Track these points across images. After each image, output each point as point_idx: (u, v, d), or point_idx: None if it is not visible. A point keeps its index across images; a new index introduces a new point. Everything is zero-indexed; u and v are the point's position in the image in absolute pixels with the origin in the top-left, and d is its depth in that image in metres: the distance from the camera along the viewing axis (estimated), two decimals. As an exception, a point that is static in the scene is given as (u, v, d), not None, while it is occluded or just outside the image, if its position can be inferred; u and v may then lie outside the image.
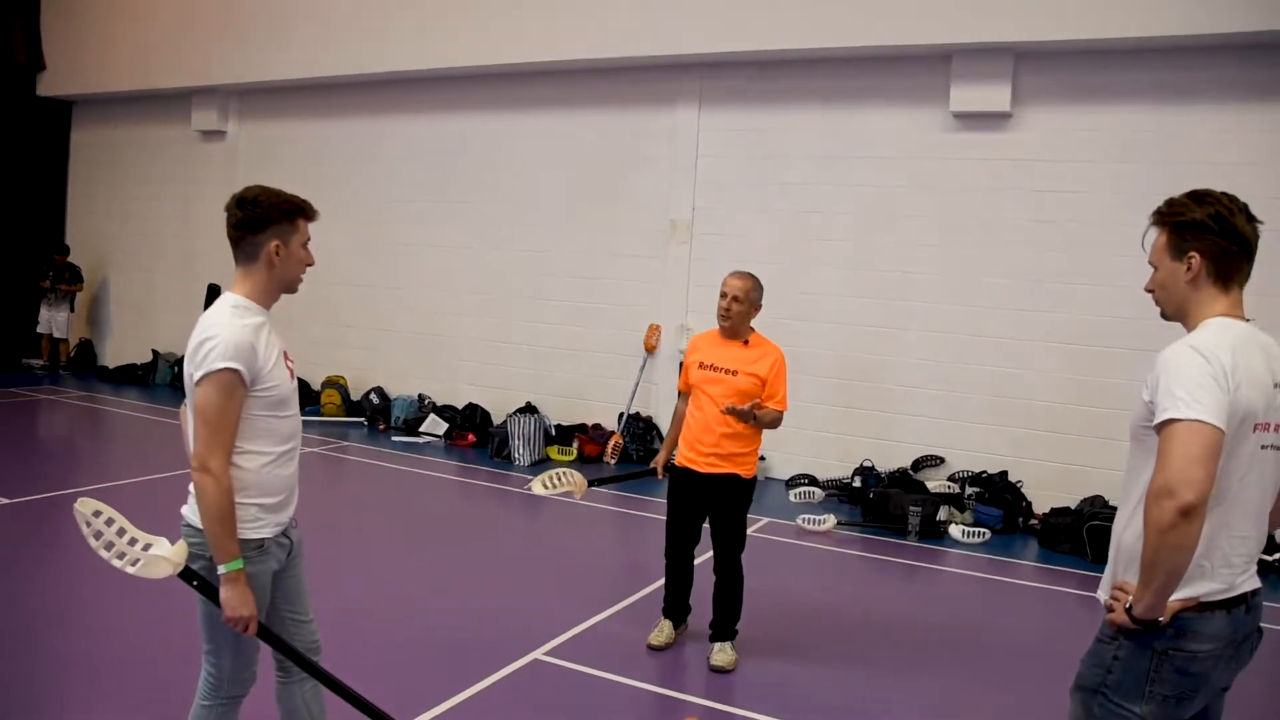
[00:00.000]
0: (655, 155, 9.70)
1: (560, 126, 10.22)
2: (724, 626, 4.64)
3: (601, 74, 9.84)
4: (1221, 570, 2.27)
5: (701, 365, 4.61)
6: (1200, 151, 7.47)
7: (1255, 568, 2.35)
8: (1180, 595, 2.22)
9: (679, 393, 4.85)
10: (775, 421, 4.55)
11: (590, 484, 4.58)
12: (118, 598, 4.89)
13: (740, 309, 4.54)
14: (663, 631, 4.78)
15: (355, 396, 11.23)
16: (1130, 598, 2.24)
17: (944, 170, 8.45)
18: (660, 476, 4.83)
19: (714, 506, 4.62)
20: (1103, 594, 2.43)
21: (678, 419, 4.81)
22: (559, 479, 4.44)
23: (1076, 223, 7.90)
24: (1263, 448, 2.26)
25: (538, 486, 4.43)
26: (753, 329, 4.66)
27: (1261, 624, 2.40)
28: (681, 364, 4.82)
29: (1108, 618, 2.34)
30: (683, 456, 4.65)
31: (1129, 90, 7.78)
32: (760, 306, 4.65)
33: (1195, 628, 2.25)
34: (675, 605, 4.83)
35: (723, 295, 4.56)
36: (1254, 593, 2.34)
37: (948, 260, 8.45)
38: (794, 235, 9.04)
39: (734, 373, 4.50)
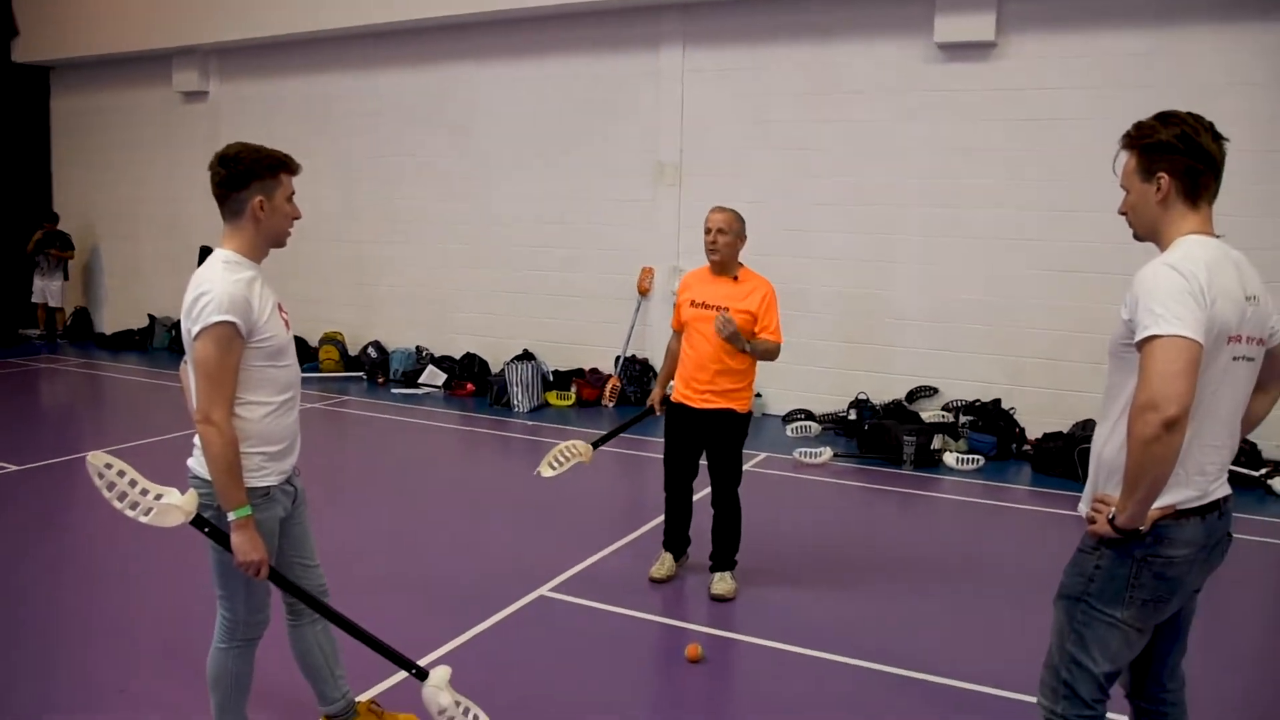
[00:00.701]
0: (641, 98, 9.65)
1: (546, 73, 10.15)
2: (723, 557, 4.76)
3: (585, 18, 9.75)
4: (1196, 478, 2.35)
5: (693, 303, 4.66)
6: (1191, 74, 7.43)
7: (1226, 475, 2.44)
8: (1158, 504, 2.30)
9: (673, 330, 4.91)
10: (771, 352, 4.60)
11: (595, 446, 4.68)
12: (129, 555, 5.01)
13: (726, 240, 4.57)
14: (664, 564, 4.90)
15: (353, 351, 11.29)
16: (1112, 509, 2.32)
17: (930, 102, 8.42)
18: (659, 413, 4.90)
19: (711, 441, 4.70)
20: (1084, 507, 2.52)
21: (671, 356, 4.88)
22: (564, 456, 4.53)
23: (1064, 150, 7.89)
24: (1235, 359, 2.33)
25: (545, 470, 4.52)
26: (741, 264, 4.70)
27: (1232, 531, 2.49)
28: (675, 302, 4.88)
29: (1089, 529, 2.43)
30: (679, 393, 4.73)
31: (1116, 13, 7.72)
32: (745, 238, 4.69)
33: (1172, 534, 2.34)
34: (675, 538, 4.94)
35: (707, 230, 4.60)
36: (1225, 499, 2.43)
37: (936, 192, 8.45)
38: (783, 173, 9.03)
39: (725, 309, 4.55)
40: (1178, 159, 2.33)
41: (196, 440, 2.70)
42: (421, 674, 3.06)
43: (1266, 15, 7.27)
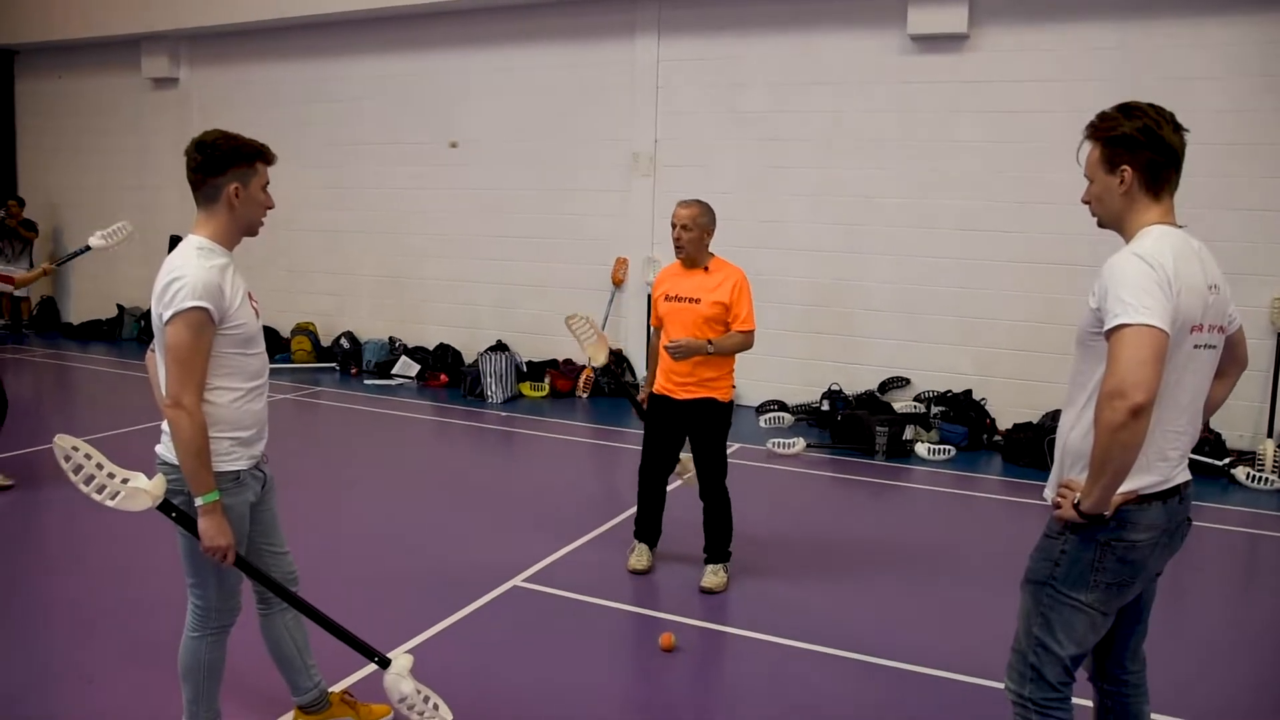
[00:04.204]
0: (615, 87, 9.64)
1: (520, 62, 10.10)
2: (717, 550, 4.75)
3: (559, 6, 9.71)
4: (1158, 464, 2.38)
5: (667, 297, 4.70)
6: (1159, 67, 7.51)
7: (1187, 461, 2.48)
8: (1122, 489, 2.33)
9: (652, 327, 4.94)
10: (743, 344, 4.62)
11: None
12: (97, 546, 4.96)
13: (691, 235, 4.59)
14: (641, 555, 4.89)
15: (325, 342, 11.22)
16: (1077, 494, 2.35)
17: (903, 93, 8.46)
18: (645, 406, 4.93)
19: (694, 431, 4.73)
20: (1049, 492, 2.55)
21: (653, 354, 4.92)
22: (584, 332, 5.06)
23: (1035, 142, 7.95)
24: (1197, 347, 2.37)
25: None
26: (712, 254, 4.71)
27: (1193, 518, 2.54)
28: (652, 298, 4.92)
29: (1055, 514, 2.46)
30: (659, 385, 4.77)
31: (1085, 7, 7.79)
32: (713, 231, 4.69)
33: (1134, 519, 2.38)
34: (649, 527, 4.94)
35: (672, 225, 4.63)
36: (1185, 484, 2.47)
37: (908, 183, 8.51)
38: (756, 163, 9.06)
39: (697, 300, 4.58)
40: (1141, 152, 2.36)
41: (165, 426, 2.69)
42: (384, 662, 3.06)
43: (1228, 10, 7.37)
